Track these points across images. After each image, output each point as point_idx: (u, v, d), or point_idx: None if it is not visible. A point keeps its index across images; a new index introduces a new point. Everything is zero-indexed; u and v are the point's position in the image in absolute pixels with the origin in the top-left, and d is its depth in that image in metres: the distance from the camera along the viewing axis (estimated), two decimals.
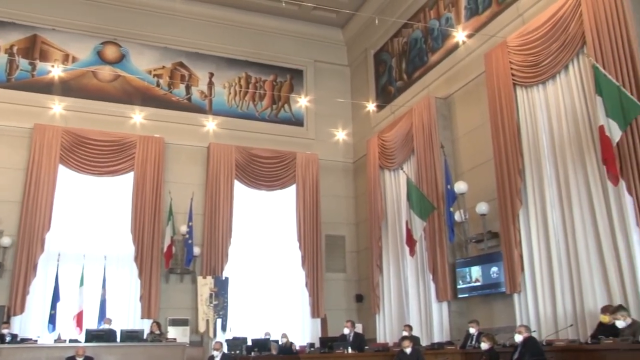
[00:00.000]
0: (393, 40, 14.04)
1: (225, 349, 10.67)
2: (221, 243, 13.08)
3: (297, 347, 11.13)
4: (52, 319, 11.29)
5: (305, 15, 15.03)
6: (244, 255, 13.45)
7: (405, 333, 10.11)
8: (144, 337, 10.24)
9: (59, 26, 13.32)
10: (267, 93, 14.86)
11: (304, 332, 13.29)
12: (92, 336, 9.81)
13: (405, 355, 9.06)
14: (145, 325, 11.42)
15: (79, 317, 11.46)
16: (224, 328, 12.47)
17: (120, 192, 12.84)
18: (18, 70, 12.87)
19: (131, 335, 10.05)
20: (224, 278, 12.81)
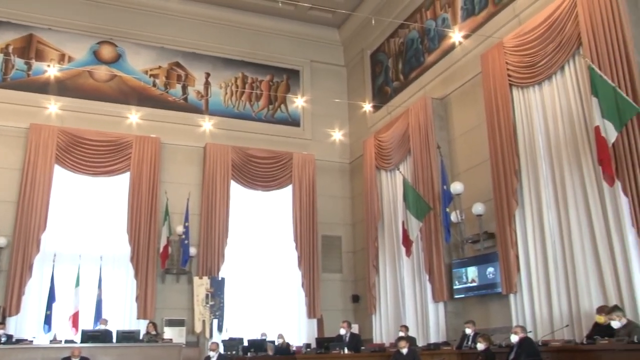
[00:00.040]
0: (389, 41, 14.05)
1: (221, 350, 10.66)
2: (217, 243, 13.06)
3: (294, 347, 11.16)
4: (47, 320, 11.27)
5: (301, 16, 15.02)
6: (240, 255, 13.44)
7: (402, 333, 10.11)
8: (140, 337, 10.25)
9: (55, 26, 13.28)
10: (264, 93, 14.84)
11: (300, 332, 13.28)
12: (88, 337, 9.80)
13: (401, 355, 9.07)
14: (142, 326, 11.39)
15: (74, 318, 11.44)
16: (220, 328, 12.46)
17: (116, 192, 12.81)
18: (14, 69, 12.83)
19: (127, 336, 10.03)
20: (220, 278, 12.79)
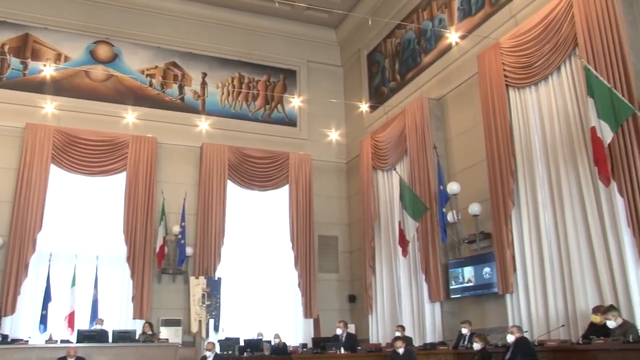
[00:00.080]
0: (386, 41, 14.06)
1: (217, 350, 10.65)
2: (214, 243, 13.05)
3: (290, 347, 11.15)
4: (43, 320, 11.23)
5: (298, 16, 15.02)
6: (236, 255, 13.42)
7: (398, 333, 10.13)
8: (136, 337, 10.22)
9: (51, 25, 13.24)
10: (260, 93, 14.83)
11: (296, 332, 13.28)
12: (83, 337, 9.78)
13: (397, 355, 9.08)
14: (138, 326, 11.38)
15: (70, 318, 11.41)
16: (216, 328, 12.45)
17: (112, 192, 12.78)
18: (9, 69, 12.78)
19: (123, 336, 10.01)
20: (216, 278, 12.78)
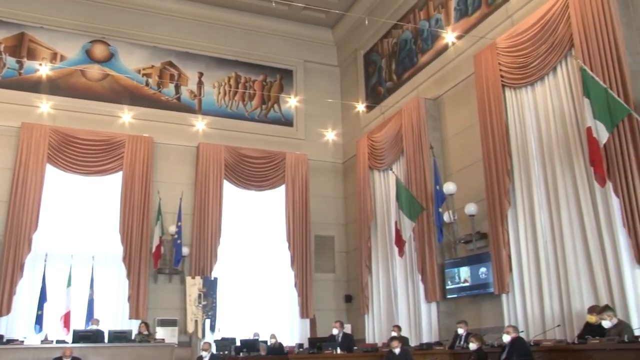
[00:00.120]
0: (383, 41, 14.07)
1: (213, 350, 10.63)
2: (210, 243, 13.04)
3: (287, 347, 11.14)
4: (39, 320, 11.20)
5: (295, 16, 15.01)
6: (233, 255, 13.41)
7: (394, 333, 10.12)
8: (132, 337, 10.19)
9: (47, 24, 13.20)
10: (257, 93, 14.82)
11: (292, 332, 13.27)
12: (79, 337, 9.74)
13: (394, 355, 9.09)
14: (134, 326, 11.36)
15: (66, 318, 11.39)
16: (212, 328, 12.43)
17: (108, 191, 12.75)
18: (5, 68, 12.74)
19: (119, 336, 9.98)
20: (212, 278, 12.77)
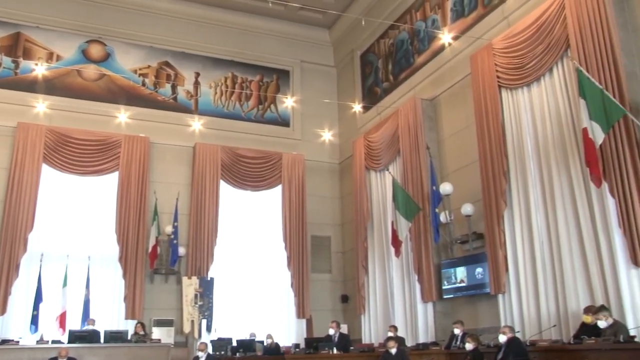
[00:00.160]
0: (379, 42, 14.08)
1: (210, 350, 10.63)
2: (206, 243, 13.02)
3: (283, 347, 11.13)
4: (34, 320, 11.17)
5: (291, 16, 15.01)
6: (229, 255, 13.40)
7: (391, 333, 10.14)
8: (128, 337, 10.17)
9: (43, 24, 13.16)
10: (253, 93, 14.81)
11: (289, 332, 13.27)
12: (75, 337, 9.72)
13: (390, 355, 9.09)
14: (130, 326, 11.34)
15: (61, 318, 11.35)
16: (208, 329, 12.42)
17: (104, 191, 12.72)
18: (1, 68, 12.68)
19: (115, 336, 9.96)
20: (209, 278, 12.76)
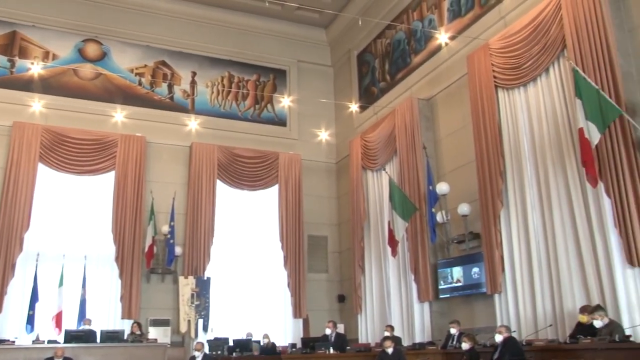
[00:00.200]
0: (376, 41, 14.08)
1: (206, 350, 10.61)
2: (203, 243, 13.01)
3: (279, 347, 11.13)
4: (30, 320, 11.14)
5: (288, 15, 15.00)
6: (226, 255, 13.39)
7: (387, 333, 10.15)
8: (125, 337, 10.16)
9: (39, 23, 13.12)
10: (250, 93, 14.80)
11: (285, 332, 13.26)
12: (71, 337, 9.69)
13: (386, 355, 9.10)
14: (126, 326, 11.32)
15: (58, 318, 11.33)
16: (205, 328, 12.40)
17: (101, 191, 12.69)
18: None
19: (111, 336, 9.94)
20: (205, 278, 12.74)
